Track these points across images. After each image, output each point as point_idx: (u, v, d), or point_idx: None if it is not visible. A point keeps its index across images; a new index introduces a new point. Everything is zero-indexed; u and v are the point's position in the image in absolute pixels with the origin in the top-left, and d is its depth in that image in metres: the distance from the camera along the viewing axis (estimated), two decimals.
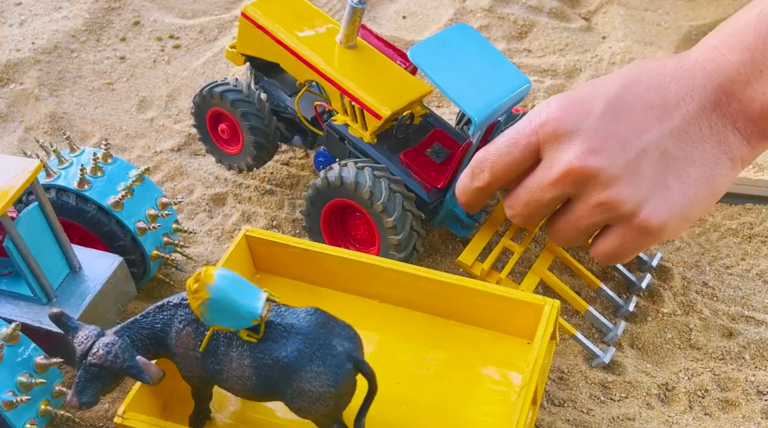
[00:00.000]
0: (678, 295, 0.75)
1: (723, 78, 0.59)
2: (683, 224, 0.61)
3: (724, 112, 0.60)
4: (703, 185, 0.61)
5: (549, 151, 0.62)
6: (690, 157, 0.60)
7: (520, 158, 0.63)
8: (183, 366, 0.58)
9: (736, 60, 0.59)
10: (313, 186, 0.75)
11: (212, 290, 0.52)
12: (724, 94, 0.60)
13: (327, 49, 0.78)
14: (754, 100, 0.59)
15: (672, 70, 0.61)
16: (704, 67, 0.60)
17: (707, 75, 0.60)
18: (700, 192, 0.61)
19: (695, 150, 0.60)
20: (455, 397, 0.63)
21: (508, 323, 0.66)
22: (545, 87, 1.01)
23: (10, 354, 0.60)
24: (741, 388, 0.68)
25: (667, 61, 0.62)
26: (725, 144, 0.60)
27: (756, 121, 0.60)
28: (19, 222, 0.63)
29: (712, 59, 0.60)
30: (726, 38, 0.60)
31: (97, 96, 1.04)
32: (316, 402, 0.54)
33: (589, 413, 0.67)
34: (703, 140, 0.60)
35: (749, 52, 0.58)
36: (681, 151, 0.60)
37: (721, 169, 0.61)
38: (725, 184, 0.62)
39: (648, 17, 1.13)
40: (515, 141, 0.63)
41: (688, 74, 0.61)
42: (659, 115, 0.60)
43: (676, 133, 0.60)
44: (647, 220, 0.60)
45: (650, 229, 0.60)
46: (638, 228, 0.61)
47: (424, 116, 0.78)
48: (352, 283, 0.70)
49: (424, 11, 1.16)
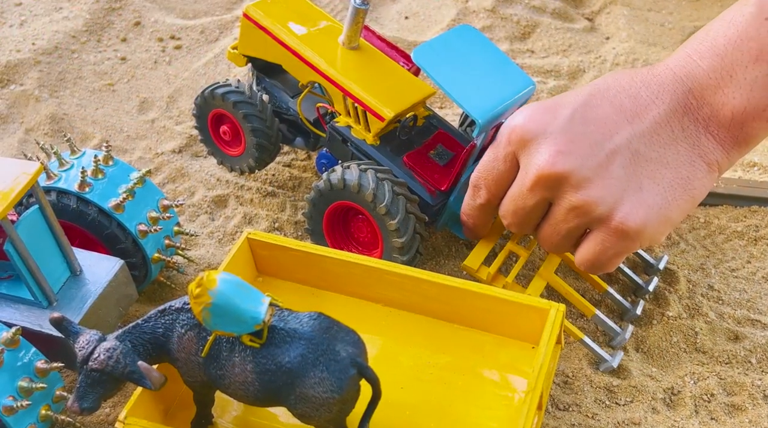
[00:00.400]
0: (683, 299, 0.75)
1: (693, 83, 0.60)
2: (663, 227, 0.61)
3: (695, 115, 0.60)
4: (680, 187, 0.60)
5: (523, 159, 0.63)
6: (663, 158, 0.60)
7: (504, 170, 0.65)
8: (185, 371, 0.57)
9: (707, 66, 0.59)
10: (315, 188, 0.74)
11: (215, 295, 0.52)
12: (694, 98, 0.60)
13: (329, 50, 0.77)
14: (725, 104, 0.59)
15: (643, 77, 0.62)
16: (675, 73, 0.61)
17: (677, 80, 0.60)
18: (678, 193, 0.60)
19: (668, 151, 0.60)
20: (459, 402, 0.62)
21: (512, 327, 0.65)
22: (548, 88, 1.01)
23: (10, 358, 0.60)
24: (747, 392, 0.67)
25: (639, 69, 0.63)
26: (699, 147, 0.60)
27: (728, 127, 0.60)
28: (19, 225, 0.63)
29: (683, 65, 0.60)
30: (697, 46, 0.60)
31: (98, 97, 1.03)
32: (319, 408, 0.53)
33: (594, 417, 0.66)
34: (675, 142, 0.60)
35: (719, 57, 0.59)
36: (653, 151, 0.60)
37: (697, 172, 0.60)
38: (703, 188, 0.61)
39: (652, 18, 1.13)
40: (495, 154, 0.65)
41: (658, 80, 0.61)
42: (629, 117, 0.60)
43: (647, 134, 0.60)
44: (624, 222, 0.59)
45: (628, 232, 0.60)
46: (616, 231, 0.60)
47: (427, 118, 0.78)
48: (354, 287, 0.70)
49: (427, 12, 1.15)
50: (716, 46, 0.59)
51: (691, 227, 0.83)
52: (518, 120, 0.62)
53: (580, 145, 0.60)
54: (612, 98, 0.61)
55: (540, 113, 0.62)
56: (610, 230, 0.60)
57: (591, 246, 0.62)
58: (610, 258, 0.63)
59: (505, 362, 0.65)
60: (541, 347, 0.60)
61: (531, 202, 0.63)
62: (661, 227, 0.61)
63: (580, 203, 0.60)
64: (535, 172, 0.61)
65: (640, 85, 0.61)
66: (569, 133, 0.60)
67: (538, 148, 0.61)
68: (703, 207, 0.85)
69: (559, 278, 0.72)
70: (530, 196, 0.62)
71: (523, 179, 0.63)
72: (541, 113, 0.62)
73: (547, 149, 0.60)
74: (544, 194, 0.62)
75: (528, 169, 0.62)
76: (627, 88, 0.62)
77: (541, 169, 0.60)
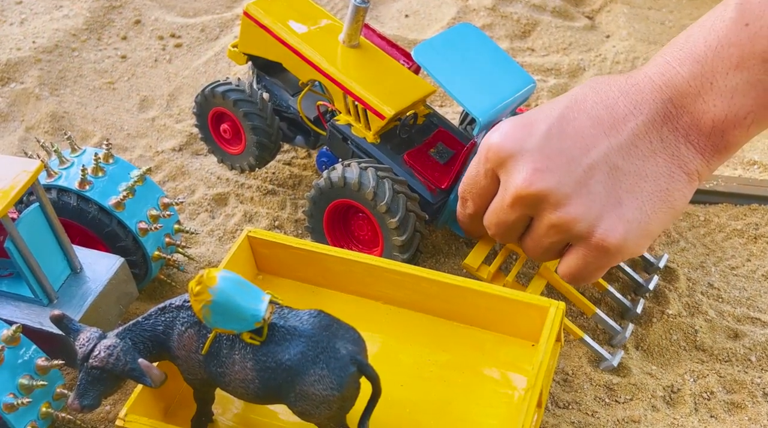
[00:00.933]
0: (683, 297, 0.75)
1: (672, 91, 0.58)
2: (643, 240, 0.60)
3: (675, 125, 0.59)
4: (660, 200, 0.59)
5: (502, 176, 0.62)
6: (642, 172, 0.59)
7: (486, 185, 0.64)
8: (185, 368, 0.57)
9: (686, 73, 0.58)
10: (316, 186, 0.74)
11: (215, 292, 0.52)
12: (674, 107, 0.59)
13: (330, 49, 0.77)
14: (705, 112, 0.58)
15: (620, 86, 0.60)
16: (653, 81, 0.59)
17: (656, 88, 0.59)
18: (657, 206, 0.59)
19: (647, 164, 0.59)
20: (459, 400, 0.63)
21: (512, 325, 0.65)
22: (549, 86, 1.01)
23: (10, 356, 0.60)
24: (747, 390, 0.67)
25: (617, 77, 0.62)
26: (678, 157, 0.59)
27: (708, 135, 0.58)
28: (19, 223, 0.63)
29: (662, 73, 0.59)
30: (677, 52, 0.59)
31: (98, 95, 1.03)
32: (319, 405, 0.53)
33: (594, 415, 0.66)
34: (654, 154, 0.59)
35: (699, 65, 0.57)
36: (632, 165, 0.59)
37: (676, 183, 0.59)
38: (683, 199, 0.60)
39: (652, 16, 1.13)
40: (476, 170, 0.65)
41: (636, 88, 0.60)
42: (607, 130, 0.59)
43: (625, 147, 0.59)
44: (604, 239, 0.59)
45: (608, 248, 0.59)
46: (596, 247, 0.60)
47: (427, 116, 0.78)
48: (355, 285, 0.70)
49: (427, 10, 1.15)
50: (696, 53, 0.58)
51: (691, 225, 0.83)
52: (494, 138, 0.62)
53: (557, 162, 0.59)
54: (589, 110, 0.60)
55: (516, 130, 0.61)
56: (591, 246, 0.60)
57: (572, 261, 0.62)
58: (591, 273, 0.63)
59: (505, 360, 0.65)
60: (541, 345, 0.60)
61: (512, 217, 0.63)
62: (641, 240, 0.60)
63: (559, 221, 0.60)
64: (513, 191, 0.60)
65: (617, 95, 0.60)
66: (546, 149, 0.59)
67: (515, 166, 0.60)
68: (703, 205, 0.85)
69: (559, 277, 0.72)
70: (510, 212, 0.62)
71: (503, 196, 0.62)
72: (518, 130, 0.61)
73: (524, 167, 0.59)
74: (524, 211, 0.62)
75: (507, 187, 0.61)
76: (604, 98, 0.60)
77: (518, 188, 0.60)
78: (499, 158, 0.61)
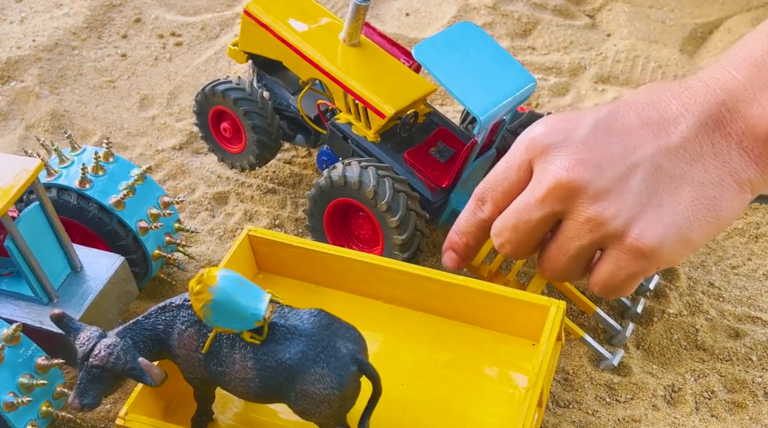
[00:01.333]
0: (684, 296, 0.75)
1: (726, 95, 0.56)
2: (682, 248, 0.57)
3: (727, 130, 0.56)
4: (705, 208, 0.56)
5: (538, 167, 0.59)
6: (688, 176, 0.56)
7: (516, 181, 0.61)
8: (185, 367, 0.57)
9: (742, 77, 0.56)
10: (316, 185, 0.74)
11: (215, 291, 0.51)
12: (727, 111, 0.56)
13: (330, 47, 0.77)
14: (761, 117, 0.55)
15: (673, 90, 0.59)
16: (707, 85, 0.57)
17: (710, 91, 0.57)
18: (701, 214, 0.56)
19: (695, 168, 0.56)
20: (460, 399, 0.62)
21: (513, 324, 0.65)
22: (549, 85, 1.01)
23: (11, 355, 0.60)
24: (748, 390, 0.67)
25: (670, 82, 0.60)
26: (730, 164, 0.56)
27: (764, 142, 0.56)
28: (19, 221, 0.63)
29: (716, 77, 0.57)
30: (732, 58, 0.57)
31: (99, 94, 1.03)
32: (320, 404, 0.53)
33: (595, 414, 0.66)
34: (703, 159, 0.56)
35: (756, 68, 0.56)
36: (678, 168, 0.56)
37: (725, 192, 0.56)
38: (732, 210, 0.57)
39: (653, 14, 1.13)
40: (510, 164, 0.61)
41: (689, 92, 0.58)
42: (656, 131, 0.57)
43: (673, 149, 0.56)
44: (639, 240, 0.56)
45: (644, 250, 0.56)
46: (631, 249, 0.56)
47: (428, 115, 0.78)
48: (355, 283, 0.70)
49: (428, 8, 1.15)
50: (753, 57, 0.56)
51: None
52: (538, 129, 0.59)
53: (600, 155, 0.56)
54: (639, 110, 0.58)
55: (561, 122, 0.59)
56: (624, 248, 0.56)
57: (604, 267, 0.58)
58: (624, 281, 0.59)
59: (506, 359, 0.65)
60: (542, 344, 0.60)
61: (538, 214, 0.59)
62: (680, 248, 0.56)
63: (594, 216, 0.56)
64: (551, 180, 0.57)
65: (669, 98, 0.58)
66: (590, 142, 0.57)
67: (556, 155, 0.57)
68: None
69: None
70: (539, 208, 0.58)
71: (534, 189, 0.59)
72: (564, 122, 0.59)
73: (566, 157, 0.57)
74: (555, 206, 0.58)
75: (542, 178, 0.58)
76: (655, 100, 0.58)
77: (557, 177, 0.57)
78: (541, 147, 0.58)
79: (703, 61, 1.05)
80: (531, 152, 0.59)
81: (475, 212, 0.64)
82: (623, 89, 1.01)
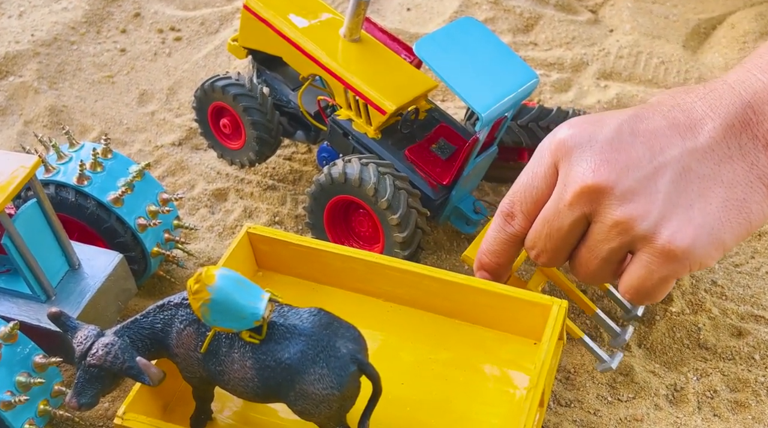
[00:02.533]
0: (686, 294, 0.74)
1: (752, 97, 0.55)
2: (714, 250, 0.55)
3: (754, 132, 0.55)
4: (735, 209, 0.55)
5: (562, 170, 0.58)
6: (717, 176, 0.55)
7: (545, 187, 0.59)
8: (184, 366, 0.57)
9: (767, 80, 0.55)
10: (316, 182, 0.74)
11: (213, 291, 0.51)
12: (753, 113, 0.55)
13: (330, 43, 0.76)
14: None
15: (698, 92, 0.58)
16: (732, 87, 0.56)
17: (735, 93, 0.56)
18: (732, 216, 0.55)
19: (723, 169, 0.55)
20: (460, 398, 0.62)
21: (514, 323, 0.65)
22: (551, 81, 1.00)
23: (8, 353, 0.60)
24: (751, 389, 0.67)
25: (694, 86, 0.59)
26: (758, 167, 0.55)
27: None
28: (17, 219, 0.62)
29: (741, 80, 0.56)
30: (757, 60, 0.57)
31: (97, 89, 1.03)
32: (319, 404, 0.53)
33: (596, 414, 0.66)
34: (731, 159, 0.55)
35: None
36: (707, 168, 0.55)
37: (754, 195, 0.55)
38: (761, 213, 0.55)
39: (656, 10, 1.12)
40: (535, 171, 0.60)
41: (714, 93, 0.57)
42: (682, 132, 0.56)
43: (700, 150, 0.55)
44: (671, 242, 0.54)
45: (675, 252, 0.54)
46: (662, 252, 0.55)
47: (429, 111, 0.77)
48: (355, 281, 0.69)
49: (429, 3, 1.14)
50: None
51: None
52: (563, 131, 0.58)
53: (626, 156, 0.55)
54: (665, 112, 0.57)
55: (586, 124, 0.58)
56: (656, 250, 0.55)
57: (635, 271, 0.57)
58: (656, 286, 0.57)
59: (507, 358, 0.65)
60: (543, 344, 0.59)
61: (568, 220, 0.57)
62: (712, 249, 0.55)
63: (622, 218, 0.55)
64: (578, 182, 0.56)
65: (695, 99, 0.57)
66: (615, 142, 0.56)
67: (581, 157, 0.56)
68: None
69: (561, 273, 0.71)
70: (568, 214, 0.57)
71: (562, 194, 0.57)
72: (588, 124, 0.58)
73: (591, 158, 0.56)
74: (584, 209, 0.57)
75: (568, 181, 0.57)
76: (681, 103, 0.57)
77: (583, 179, 0.55)
78: (565, 149, 0.57)
79: (707, 56, 1.05)
80: (556, 155, 0.58)
81: (504, 228, 0.62)
82: (626, 85, 1.00)
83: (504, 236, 0.62)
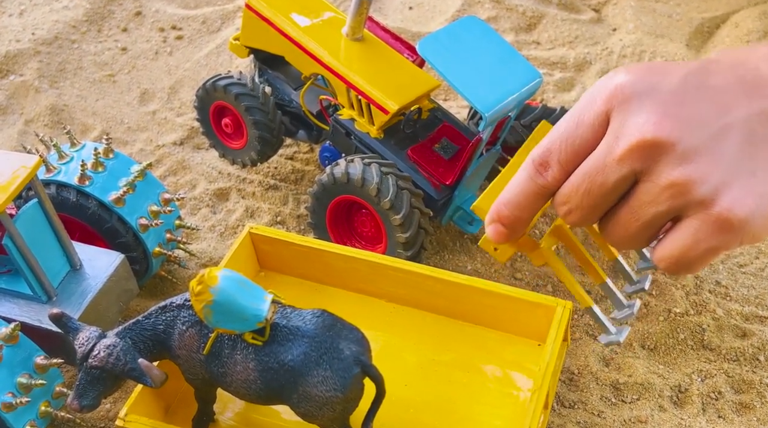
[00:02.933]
0: (690, 294, 0.74)
1: None
2: None
3: None
4: None
5: (616, 120, 0.51)
6: None
7: (592, 137, 0.52)
8: (186, 368, 0.57)
9: None
10: (318, 182, 0.73)
11: (216, 292, 0.51)
12: None
13: (333, 42, 0.76)
14: None
15: (760, 53, 0.53)
16: None
17: None
18: None
19: None
20: (464, 400, 0.62)
21: (518, 324, 0.65)
22: (554, 80, 1.00)
23: (9, 354, 0.59)
24: (756, 390, 0.67)
25: (756, 45, 0.55)
26: None
27: None
28: (18, 219, 0.62)
29: None
30: None
31: (98, 88, 1.02)
32: (322, 407, 0.52)
33: (600, 415, 0.65)
34: None
35: None
36: None
37: None
38: None
39: (659, 9, 1.11)
40: (582, 118, 0.53)
41: None
42: (749, 91, 0.51)
43: (767, 113, 0.50)
44: (729, 210, 0.49)
45: (732, 222, 0.49)
46: (717, 221, 0.49)
47: (432, 111, 0.77)
48: (358, 282, 0.69)
49: (431, 2, 1.14)
50: None
51: None
52: (621, 77, 0.52)
53: (690, 112, 0.50)
54: (734, 68, 0.52)
55: (647, 70, 0.52)
56: (710, 218, 0.49)
57: (680, 238, 0.51)
58: (701, 256, 0.51)
59: (511, 359, 0.64)
60: (548, 345, 0.59)
61: (615, 176, 0.51)
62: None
63: (680, 179, 0.49)
64: (635, 135, 0.50)
65: (759, 59, 0.52)
66: (681, 95, 0.50)
67: (642, 107, 0.50)
68: None
69: (574, 235, 0.64)
70: (616, 169, 0.51)
71: (612, 146, 0.51)
72: (651, 70, 0.52)
73: (653, 109, 0.50)
74: (635, 166, 0.50)
75: (621, 133, 0.50)
76: (745, 61, 0.52)
77: (642, 132, 0.49)
78: (623, 96, 0.51)
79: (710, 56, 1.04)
80: (611, 102, 0.52)
81: (534, 178, 0.54)
82: None
83: (532, 187, 0.54)
